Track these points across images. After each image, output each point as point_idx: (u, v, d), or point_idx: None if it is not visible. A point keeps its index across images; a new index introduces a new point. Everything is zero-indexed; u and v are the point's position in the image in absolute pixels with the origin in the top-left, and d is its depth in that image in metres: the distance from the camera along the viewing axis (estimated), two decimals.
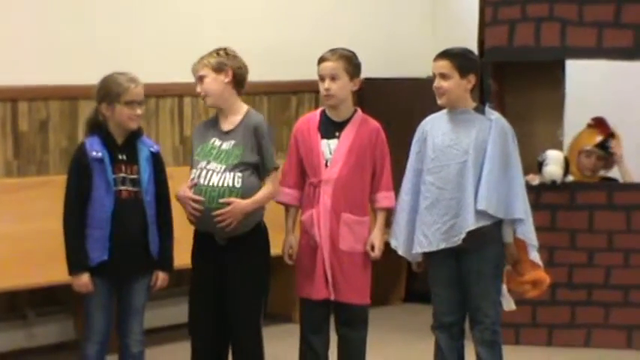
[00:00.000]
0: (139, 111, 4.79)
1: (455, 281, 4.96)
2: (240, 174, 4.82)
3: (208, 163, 4.85)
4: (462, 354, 5.09)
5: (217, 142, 4.89)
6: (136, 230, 4.80)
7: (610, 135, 6.59)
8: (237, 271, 4.88)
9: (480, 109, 4.99)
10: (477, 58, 5.11)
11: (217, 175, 4.82)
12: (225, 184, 4.81)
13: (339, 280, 4.99)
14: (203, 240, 4.93)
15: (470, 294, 4.95)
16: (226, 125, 4.92)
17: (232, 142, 4.87)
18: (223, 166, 4.83)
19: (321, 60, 5.01)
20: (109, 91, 4.79)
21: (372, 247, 5.02)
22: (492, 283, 4.95)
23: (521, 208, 4.90)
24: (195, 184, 4.84)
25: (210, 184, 4.81)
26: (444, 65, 4.91)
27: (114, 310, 4.90)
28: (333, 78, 4.96)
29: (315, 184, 5.01)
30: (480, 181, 4.85)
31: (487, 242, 4.90)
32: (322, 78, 5.00)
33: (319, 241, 4.98)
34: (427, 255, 4.99)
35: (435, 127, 4.99)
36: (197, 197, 4.81)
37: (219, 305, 4.92)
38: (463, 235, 4.85)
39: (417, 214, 4.97)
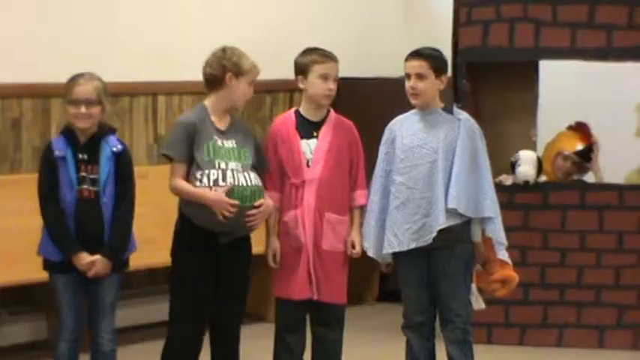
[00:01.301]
0: (82, 109, 4.76)
1: (425, 281, 4.97)
2: (255, 173, 4.84)
3: (227, 163, 4.80)
4: (433, 353, 5.10)
5: (219, 141, 4.84)
6: (96, 229, 4.79)
7: (592, 145, 6.60)
8: (236, 271, 4.89)
9: (448, 109, 5.00)
10: (446, 59, 5.12)
11: (240, 174, 4.80)
12: (254, 183, 4.80)
13: (322, 279, 4.99)
14: (205, 239, 4.84)
15: (440, 293, 4.95)
16: (221, 124, 4.88)
17: (233, 141, 4.86)
18: (240, 164, 4.81)
19: (329, 59, 5.07)
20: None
21: (353, 245, 5.04)
22: (463, 283, 4.95)
23: (491, 206, 4.90)
24: (232, 188, 4.75)
25: (241, 184, 4.77)
26: (421, 65, 4.91)
27: (85, 308, 4.89)
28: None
29: (298, 185, 5.00)
30: (449, 180, 4.86)
31: (457, 241, 4.92)
32: (326, 77, 5.03)
33: (304, 241, 4.98)
34: (397, 255, 5.00)
35: (403, 128, 5.00)
36: (234, 201, 4.73)
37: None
38: (434, 234, 4.86)
39: (386, 215, 4.98)
